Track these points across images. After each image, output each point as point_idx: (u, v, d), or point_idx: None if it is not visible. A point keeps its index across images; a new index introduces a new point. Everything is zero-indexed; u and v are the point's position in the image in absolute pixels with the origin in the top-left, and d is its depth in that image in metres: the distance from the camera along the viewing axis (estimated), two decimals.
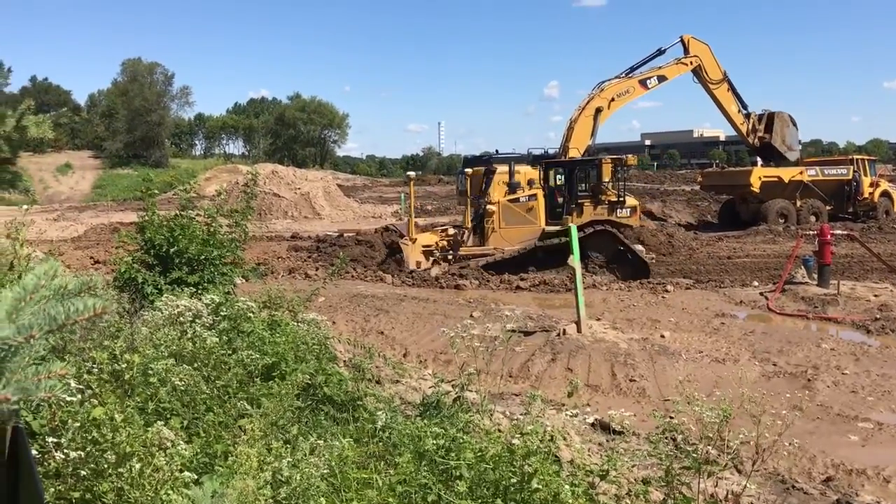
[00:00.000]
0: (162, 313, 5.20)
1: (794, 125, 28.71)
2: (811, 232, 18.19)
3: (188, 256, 7.31)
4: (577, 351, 10.56)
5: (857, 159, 30.86)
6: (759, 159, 30.42)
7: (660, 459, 4.02)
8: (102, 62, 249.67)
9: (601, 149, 59.27)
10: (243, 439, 3.67)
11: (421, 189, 56.98)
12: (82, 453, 3.05)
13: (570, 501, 3.30)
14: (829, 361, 10.20)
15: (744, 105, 27.64)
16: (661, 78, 24.75)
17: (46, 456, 3.05)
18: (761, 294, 15.36)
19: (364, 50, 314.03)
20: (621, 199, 20.15)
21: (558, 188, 21.07)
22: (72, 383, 3.18)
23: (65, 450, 3.05)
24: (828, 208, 29.05)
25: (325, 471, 3.46)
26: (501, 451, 3.60)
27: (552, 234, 19.18)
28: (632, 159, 21.66)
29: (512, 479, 3.45)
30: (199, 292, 6.61)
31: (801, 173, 29.09)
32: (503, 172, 20.19)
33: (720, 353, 10.70)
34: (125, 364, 3.66)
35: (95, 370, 3.69)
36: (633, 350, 10.63)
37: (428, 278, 18.23)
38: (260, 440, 3.60)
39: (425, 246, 20.12)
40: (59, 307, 0.86)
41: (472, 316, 13.11)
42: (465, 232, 20.23)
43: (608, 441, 5.77)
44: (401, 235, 20.91)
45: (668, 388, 9.08)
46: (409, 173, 28.65)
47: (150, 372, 3.97)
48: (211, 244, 7.51)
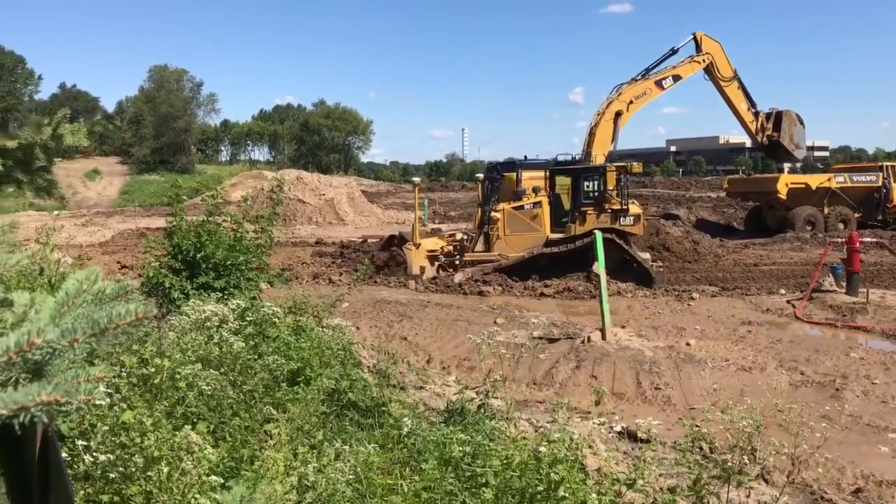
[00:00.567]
0: (189, 318, 5.24)
1: (802, 124, 28.47)
2: (839, 239, 17.94)
3: (215, 262, 7.39)
4: (602, 358, 10.49)
5: (887, 166, 30.38)
6: (785, 166, 30.15)
7: (688, 468, 3.98)
8: (130, 68, 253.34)
9: (627, 155, 58.98)
10: (269, 444, 3.69)
11: (444, 196, 57.10)
12: (111, 456, 3.08)
13: None
14: (859, 371, 10.03)
15: (753, 103, 27.48)
16: (676, 77, 24.63)
17: (75, 458, 3.09)
18: (788, 302, 15.19)
19: (388, 57, 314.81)
20: (625, 208, 19.97)
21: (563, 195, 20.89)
22: (101, 387, 3.21)
23: (94, 452, 3.09)
24: (856, 216, 28.69)
25: (351, 476, 3.46)
26: (528, 459, 3.58)
27: (556, 242, 19.13)
28: (636, 167, 21.45)
29: (538, 487, 3.43)
30: (226, 297, 6.67)
31: (829, 180, 28.78)
32: (511, 179, 20.11)
33: (746, 362, 10.56)
34: (154, 368, 3.69)
35: (124, 374, 3.72)
36: (659, 358, 10.54)
37: (451, 284, 18.21)
38: (286, 445, 3.62)
39: (430, 251, 20.08)
40: (102, 311, 0.87)
41: (497, 323, 13.08)
42: (474, 237, 20.22)
43: (634, 449, 5.73)
44: (403, 241, 20.92)
45: (694, 397, 8.99)
46: (415, 179, 28.68)
47: (178, 376, 4.01)
48: (237, 250, 7.58)
